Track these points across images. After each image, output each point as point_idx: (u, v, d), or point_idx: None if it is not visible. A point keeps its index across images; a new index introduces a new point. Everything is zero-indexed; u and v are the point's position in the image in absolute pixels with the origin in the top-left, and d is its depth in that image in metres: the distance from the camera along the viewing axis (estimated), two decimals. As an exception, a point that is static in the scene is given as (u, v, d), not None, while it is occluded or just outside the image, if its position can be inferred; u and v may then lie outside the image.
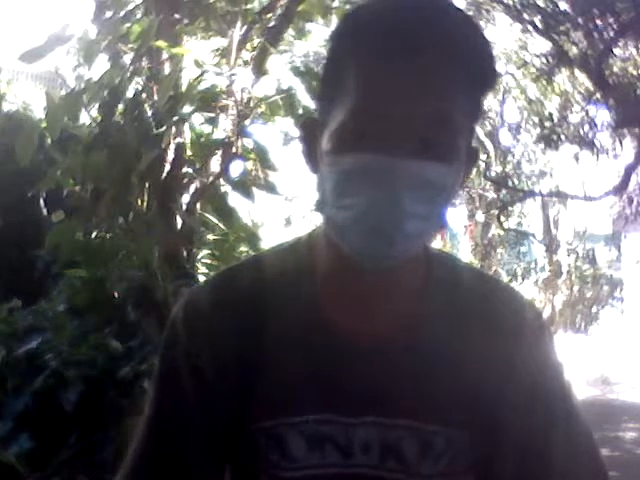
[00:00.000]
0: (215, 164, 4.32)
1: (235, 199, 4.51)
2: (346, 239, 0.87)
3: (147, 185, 4.10)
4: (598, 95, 7.82)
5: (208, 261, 4.56)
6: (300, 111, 4.19)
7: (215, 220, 4.49)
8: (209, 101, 4.12)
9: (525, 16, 7.25)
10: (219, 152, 4.26)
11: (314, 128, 0.90)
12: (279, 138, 4.84)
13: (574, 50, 7.36)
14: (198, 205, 4.33)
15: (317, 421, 0.93)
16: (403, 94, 0.82)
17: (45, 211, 4.86)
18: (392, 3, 0.85)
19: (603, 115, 8.64)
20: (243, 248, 4.65)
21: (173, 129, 4.07)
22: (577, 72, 8.30)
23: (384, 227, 0.83)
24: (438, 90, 0.83)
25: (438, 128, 0.83)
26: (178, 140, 4.17)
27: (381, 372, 0.93)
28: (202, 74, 4.14)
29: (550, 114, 9.47)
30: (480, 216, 14.34)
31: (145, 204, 4.11)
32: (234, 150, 4.18)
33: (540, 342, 0.98)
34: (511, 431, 0.94)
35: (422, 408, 0.93)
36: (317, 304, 0.95)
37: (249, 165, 4.35)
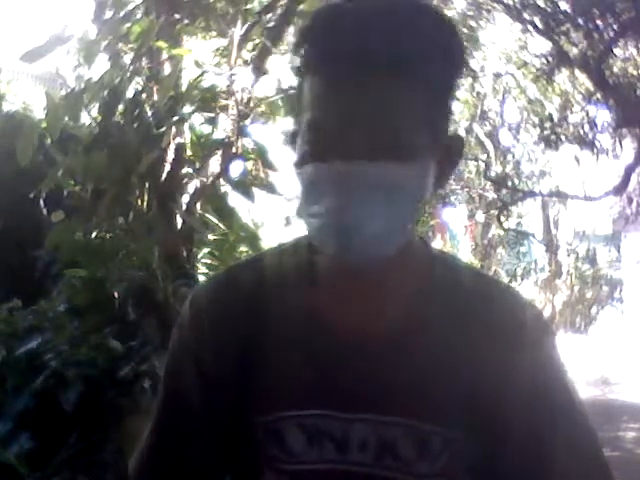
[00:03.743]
0: (215, 164, 4.31)
1: (235, 199, 4.51)
2: (321, 243, 0.90)
3: (147, 185, 4.10)
4: (598, 95, 7.82)
5: (208, 261, 4.56)
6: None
7: (215, 220, 4.49)
8: (209, 101, 4.12)
9: (525, 16, 7.25)
10: (219, 152, 4.26)
11: (295, 138, 0.94)
12: (279, 138, 4.83)
13: (574, 50, 7.35)
14: (198, 205, 4.33)
15: (316, 416, 0.93)
16: (353, 107, 0.85)
17: (45, 211, 4.85)
18: (348, 14, 0.87)
19: (603, 115, 8.64)
20: (243, 248, 4.65)
21: (173, 129, 4.07)
22: (577, 72, 8.30)
23: (348, 231, 0.86)
24: (388, 102, 0.85)
25: (389, 137, 0.85)
26: (178, 140, 4.17)
27: (379, 370, 0.94)
28: (202, 74, 4.13)
29: (550, 114, 9.46)
30: (480, 216, 14.34)
31: (145, 204, 4.10)
32: (234, 150, 4.17)
33: (542, 343, 0.98)
34: (512, 432, 0.94)
35: (420, 407, 0.93)
36: (315, 303, 0.96)
37: (249, 165, 4.35)
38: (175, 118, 4.02)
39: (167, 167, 4.14)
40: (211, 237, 4.57)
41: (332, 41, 0.86)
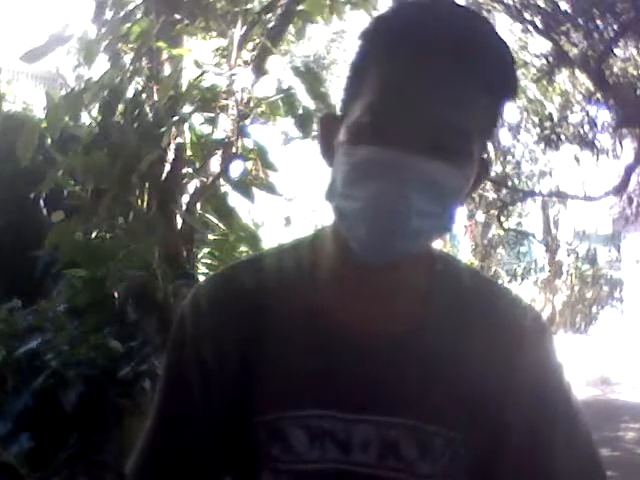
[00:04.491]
0: (215, 164, 4.31)
1: (235, 199, 4.51)
2: (350, 229, 0.89)
3: (147, 185, 4.10)
4: (598, 95, 7.81)
5: (208, 261, 4.56)
6: (300, 111, 4.19)
7: (215, 220, 4.49)
8: (209, 101, 4.12)
9: (525, 16, 7.24)
10: (219, 152, 4.26)
11: (332, 122, 0.93)
12: (279, 138, 4.84)
13: (574, 50, 7.35)
14: (198, 205, 4.33)
15: (319, 416, 0.94)
16: (421, 99, 0.84)
17: (45, 211, 4.86)
18: (420, 10, 0.88)
19: (603, 115, 8.64)
20: (243, 248, 4.65)
21: (173, 129, 4.07)
22: (577, 72, 8.30)
23: (388, 220, 0.85)
24: (457, 101, 0.85)
25: (452, 136, 0.85)
26: (178, 140, 4.17)
27: (381, 371, 0.94)
28: (202, 74, 4.13)
29: (550, 114, 9.46)
30: (480, 216, 14.32)
31: (145, 204, 4.10)
32: (234, 150, 4.17)
33: (541, 343, 0.98)
34: (512, 432, 0.94)
35: (422, 408, 0.94)
36: (317, 303, 0.96)
37: (249, 165, 4.35)
38: (175, 118, 4.02)
39: (167, 167, 4.13)
40: (211, 237, 4.57)
41: (415, 31, 0.85)
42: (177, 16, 4.27)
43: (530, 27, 7.41)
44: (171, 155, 4.14)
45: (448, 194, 0.86)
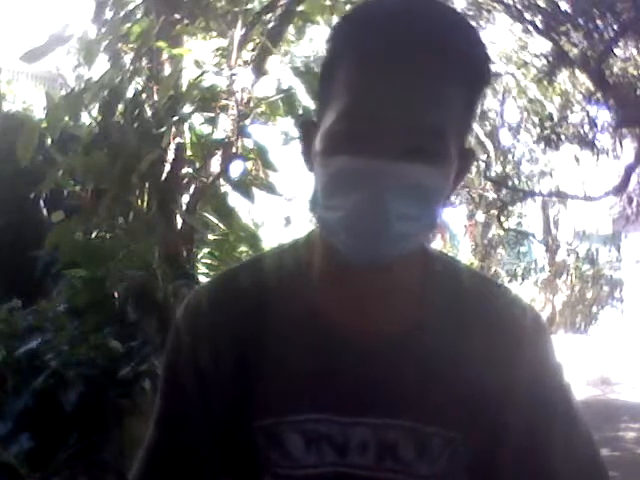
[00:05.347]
0: (215, 164, 4.32)
1: (235, 199, 4.52)
2: (335, 238, 0.88)
3: (147, 185, 4.10)
4: (598, 95, 7.81)
5: (208, 261, 4.57)
6: (300, 111, 4.19)
7: (215, 220, 4.49)
8: (209, 101, 4.12)
9: (526, 16, 7.24)
10: (219, 152, 4.26)
11: (311, 127, 0.91)
12: (279, 138, 4.84)
13: (574, 50, 7.35)
14: (198, 205, 4.33)
15: (315, 420, 0.93)
16: (395, 101, 0.82)
17: (45, 211, 4.86)
18: (387, 7, 0.85)
19: (603, 115, 8.64)
20: (243, 248, 4.65)
21: (173, 129, 4.07)
22: (577, 72, 8.30)
23: (370, 228, 0.84)
24: (431, 100, 0.83)
25: (429, 138, 0.83)
26: (178, 140, 4.17)
27: (380, 372, 0.93)
28: (202, 74, 4.14)
29: (550, 114, 9.46)
30: (480, 216, 14.32)
31: (145, 204, 4.11)
32: (234, 150, 4.18)
33: (540, 343, 0.98)
34: (511, 432, 0.94)
35: (421, 409, 0.93)
36: (316, 304, 0.95)
37: (249, 165, 4.35)
38: (175, 118, 4.02)
39: (167, 167, 4.14)
40: (211, 237, 4.57)
41: (386, 29, 0.82)
42: (177, 16, 4.28)
43: (530, 27, 7.40)
44: (171, 155, 4.14)
45: (430, 195, 0.85)
